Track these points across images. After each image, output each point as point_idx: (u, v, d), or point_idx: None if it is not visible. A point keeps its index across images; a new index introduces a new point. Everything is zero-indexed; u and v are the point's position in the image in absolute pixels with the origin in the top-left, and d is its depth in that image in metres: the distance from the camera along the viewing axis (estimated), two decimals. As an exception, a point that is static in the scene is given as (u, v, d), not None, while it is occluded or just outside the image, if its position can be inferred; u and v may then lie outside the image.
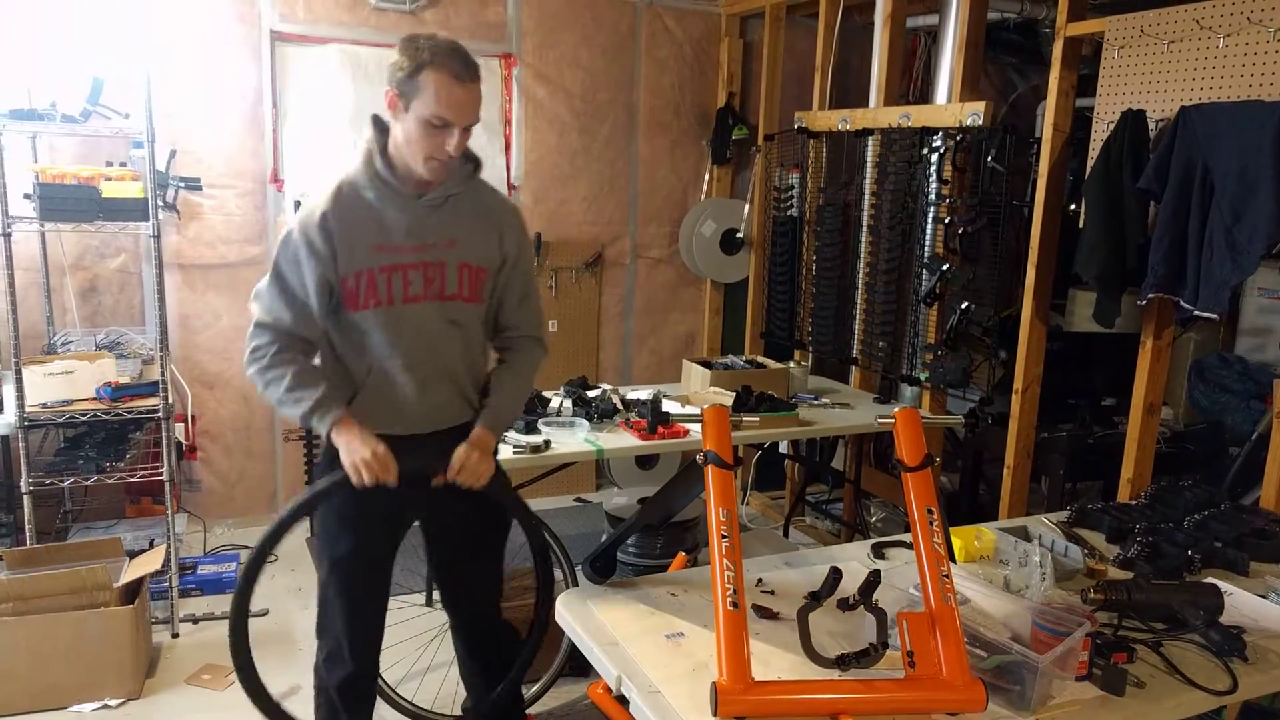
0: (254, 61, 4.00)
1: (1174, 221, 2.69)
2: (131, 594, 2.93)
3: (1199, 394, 4.21)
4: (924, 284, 3.67)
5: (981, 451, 3.84)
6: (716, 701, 1.47)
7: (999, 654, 1.60)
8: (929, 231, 3.66)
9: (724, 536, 1.62)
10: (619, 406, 3.28)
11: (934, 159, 3.60)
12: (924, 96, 4.47)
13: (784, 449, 4.60)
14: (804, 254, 4.42)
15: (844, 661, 1.56)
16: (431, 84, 1.82)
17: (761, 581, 2.04)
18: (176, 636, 3.28)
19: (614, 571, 2.05)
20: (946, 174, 3.56)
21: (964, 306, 3.48)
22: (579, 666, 2.94)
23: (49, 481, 3.15)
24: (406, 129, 1.87)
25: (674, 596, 1.95)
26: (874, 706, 1.52)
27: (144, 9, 3.73)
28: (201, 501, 4.20)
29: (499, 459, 2.11)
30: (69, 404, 3.10)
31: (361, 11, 4.14)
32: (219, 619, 3.41)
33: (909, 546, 2.22)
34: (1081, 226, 2.97)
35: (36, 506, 3.12)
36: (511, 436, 2.95)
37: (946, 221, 3.54)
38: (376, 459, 1.88)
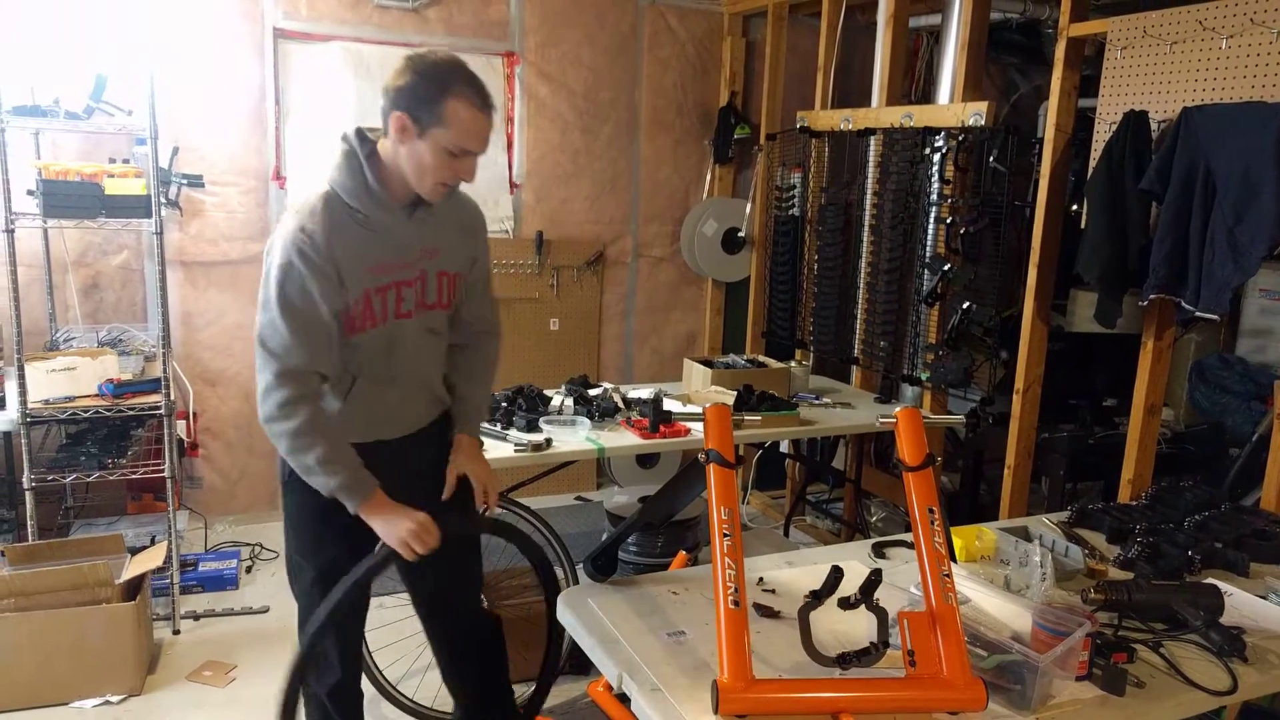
0: (257, 59, 4.00)
1: (1176, 222, 2.69)
2: (133, 590, 2.94)
3: (1200, 395, 4.21)
4: (925, 284, 3.67)
5: (982, 451, 3.84)
6: (717, 700, 1.48)
7: (999, 653, 1.61)
8: (930, 231, 3.66)
9: (726, 535, 1.62)
10: (620, 405, 3.28)
11: (936, 159, 3.60)
12: (926, 96, 4.48)
13: (785, 448, 4.60)
14: (805, 253, 4.42)
15: (845, 660, 1.56)
16: (455, 114, 1.76)
17: (762, 580, 2.05)
18: (178, 633, 3.29)
19: (615, 570, 2.05)
20: (948, 174, 3.56)
21: (965, 306, 3.49)
22: (580, 664, 2.94)
23: (51, 478, 3.15)
24: (417, 154, 1.80)
25: (675, 595, 1.95)
26: (875, 705, 1.52)
27: (147, 6, 3.74)
28: (203, 499, 4.20)
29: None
30: (71, 400, 3.10)
31: (364, 9, 4.14)
32: (220, 616, 3.42)
33: (910, 546, 2.22)
34: (1083, 227, 2.98)
35: (38, 503, 3.12)
36: (513, 435, 2.96)
37: (948, 221, 3.54)
38: (423, 528, 1.86)
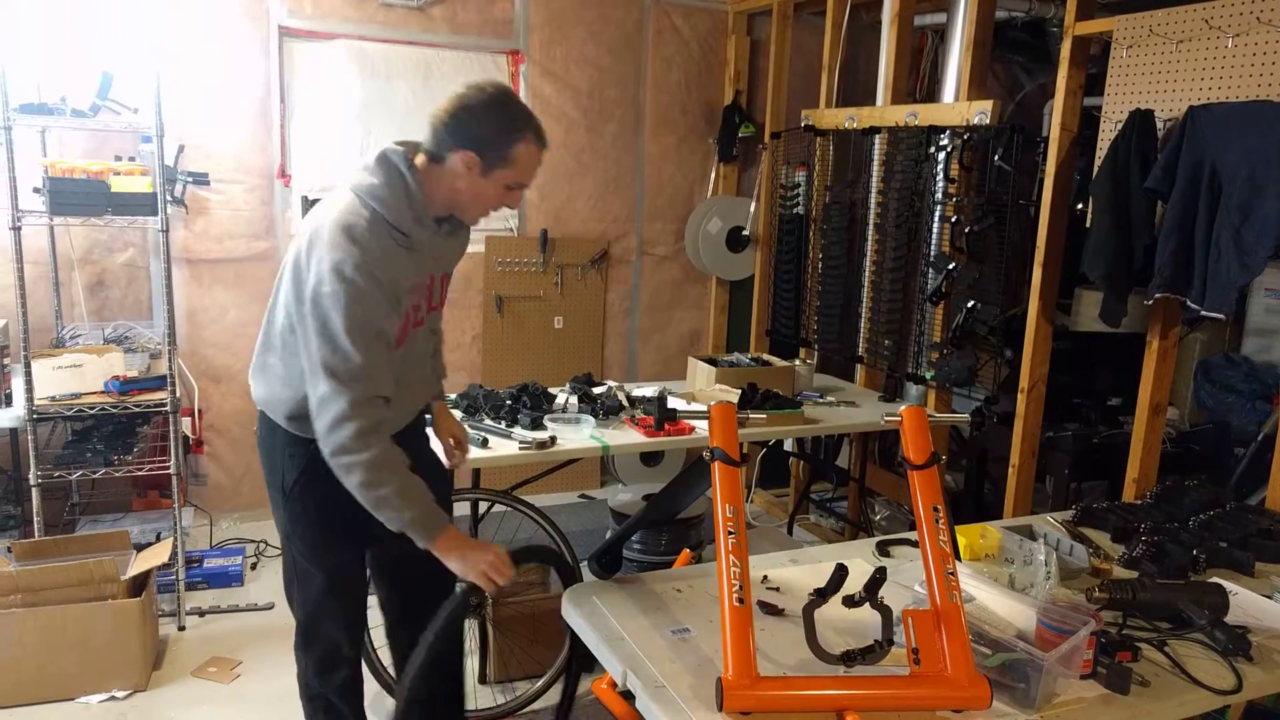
0: (262, 57, 4.01)
1: (1181, 222, 2.69)
2: (139, 587, 2.95)
3: (1205, 394, 4.20)
4: (930, 283, 3.66)
5: (986, 450, 3.84)
6: (722, 697, 1.48)
7: (1004, 652, 1.61)
8: (935, 230, 3.65)
9: (730, 533, 1.62)
10: (624, 403, 3.28)
11: (941, 157, 3.60)
12: (931, 95, 4.47)
13: (789, 447, 4.60)
14: (810, 252, 4.42)
15: (849, 658, 1.57)
16: (523, 156, 1.84)
17: (766, 578, 2.05)
18: (183, 629, 3.30)
19: (620, 568, 2.05)
20: (953, 173, 3.55)
21: (970, 305, 3.48)
22: (584, 662, 2.94)
23: (57, 474, 3.16)
24: (478, 189, 1.85)
25: (679, 593, 1.96)
26: (879, 703, 1.52)
27: (153, 4, 3.75)
28: (208, 495, 4.21)
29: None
30: (77, 397, 3.11)
31: (369, 7, 4.15)
32: (225, 612, 3.43)
33: (914, 544, 2.23)
34: (1088, 226, 2.97)
35: (45, 499, 3.13)
36: (518, 432, 2.97)
37: (953, 220, 3.54)
38: (500, 559, 1.87)
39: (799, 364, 3.82)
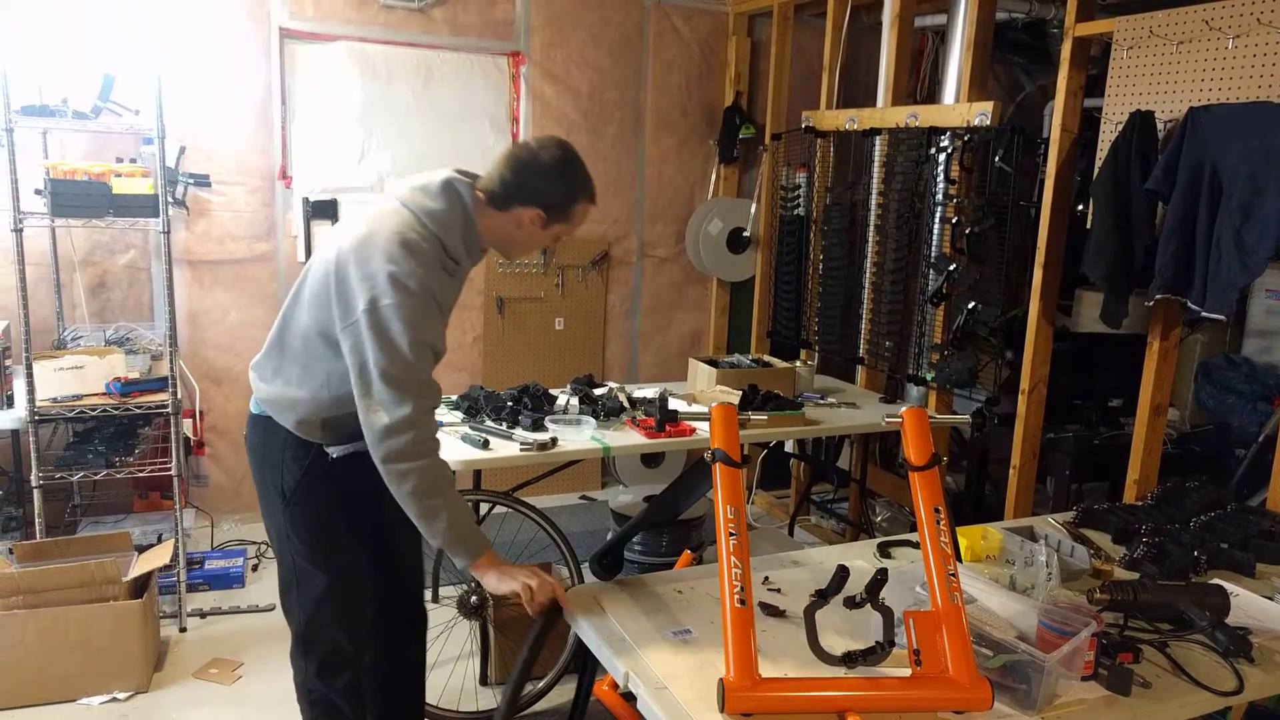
0: (263, 59, 4.01)
1: (1182, 223, 2.69)
2: (140, 588, 2.95)
3: (1206, 395, 4.20)
4: (931, 284, 3.67)
5: (987, 451, 3.84)
6: (723, 698, 1.48)
7: (1005, 653, 1.61)
8: (936, 231, 3.65)
9: (732, 534, 1.62)
10: (625, 404, 3.29)
11: (941, 159, 3.60)
12: (931, 96, 4.47)
13: (790, 448, 4.60)
14: (810, 253, 4.42)
15: (850, 659, 1.57)
16: (580, 213, 1.99)
17: (768, 579, 2.05)
18: (184, 631, 3.30)
19: (621, 569, 2.05)
20: (954, 174, 3.56)
21: (971, 307, 3.48)
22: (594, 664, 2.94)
23: (59, 476, 3.17)
24: (534, 237, 1.98)
25: (680, 594, 1.96)
26: (880, 704, 1.52)
27: (154, 6, 3.75)
28: (209, 497, 4.21)
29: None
30: (79, 399, 3.12)
31: (370, 9, 4.15)
32: (226, 614, 3.44)
33: (915, 546, 2.23)
34: (1089, 227, 2.97)
35: (46, 500, 3.13)
36: (518, 434, 2.97)
37: (953, 221, 3.54)
38: (544, 580, 1.85)
39: (800, 365, 3.81)
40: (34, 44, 3.58)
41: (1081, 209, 3.24)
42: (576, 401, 3.28)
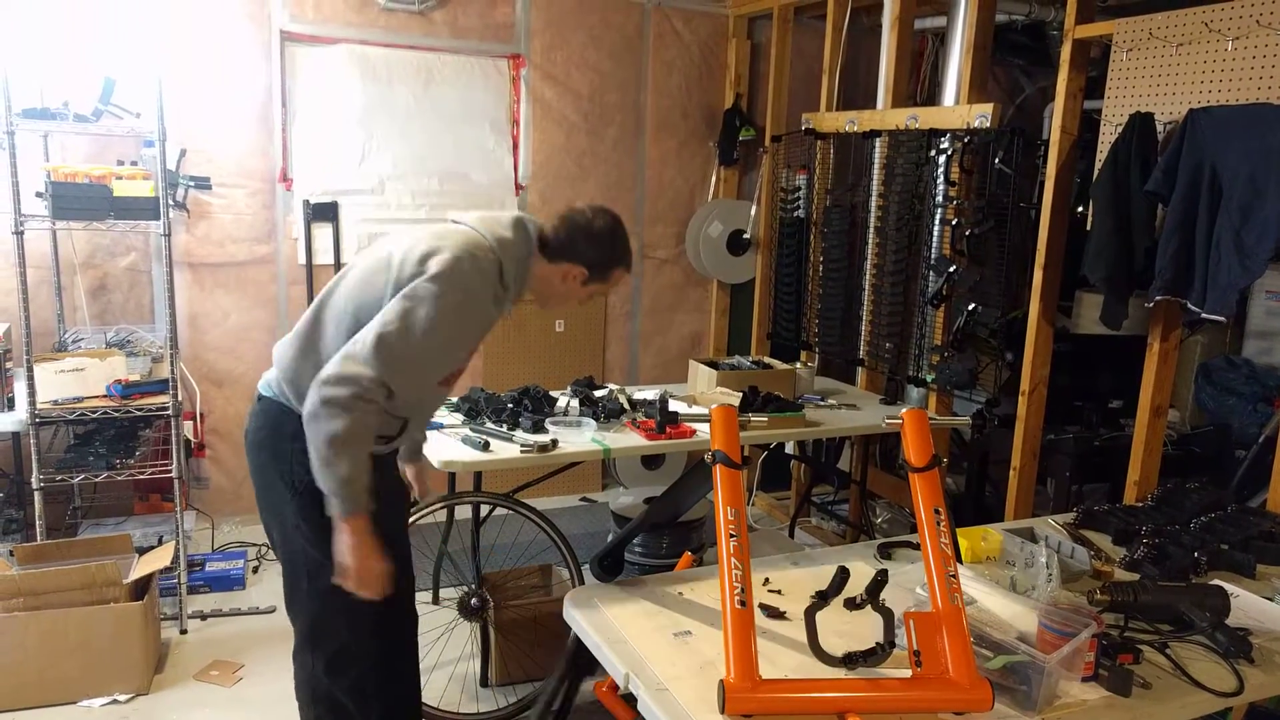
0: (264, 61, 4.02)
1: (1182, 224, 2.69)
2: (141, 590, 2.95)
3: (1206, 396, 4.20)
4: (931, 286, 3.67)
5: (988, 453, 3.84)
6: (724, 699, 1.48)
7: (1005, 654, 1.61)
8: (936, 233, 3.66)
9: (732, 535, 1.62)
10: (626, 406, 3.29)
11: (941, 160, 3.60)
12: (931, 98, 4.48)
13: (790, 450, 4.60)
14: (811, 255, 4.42)
15: (851, 660, 1.57)
16: (617, 277, 2.17)
17: (768, 581, 2.05)
18: (185, 633, 3.30)
19: (621, 570, 2.06)
20: (954, 175, 3.56)
21: (971, 308, 3.49)
22: (585, 664, 2.94)
23: (59, 478, 3.17)
24: (570, 288, 2.13)
25: (681, 595, 1.96)
26: (881, 705, 1.53)
27: (155, 9, 3.76)
28: (210, 499, 4.22)
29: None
30: (79, 401, 3.12)
31: (370, 12, 4.16)
32: (226, 616, 3.44)
33: (915, 547, 2.23)
34: (1089, 229, 2.98)
35: (47, 503, 3.13)
36: (519, 436, 2.97)
37: (954, 223, 3.54)
38: (380, 579, 1.89)
39: (800, 367, 3.81)
40: (35, 47, 3.59)
41: (1081, 210, 3.24)
42: (577, 403, 3.28)
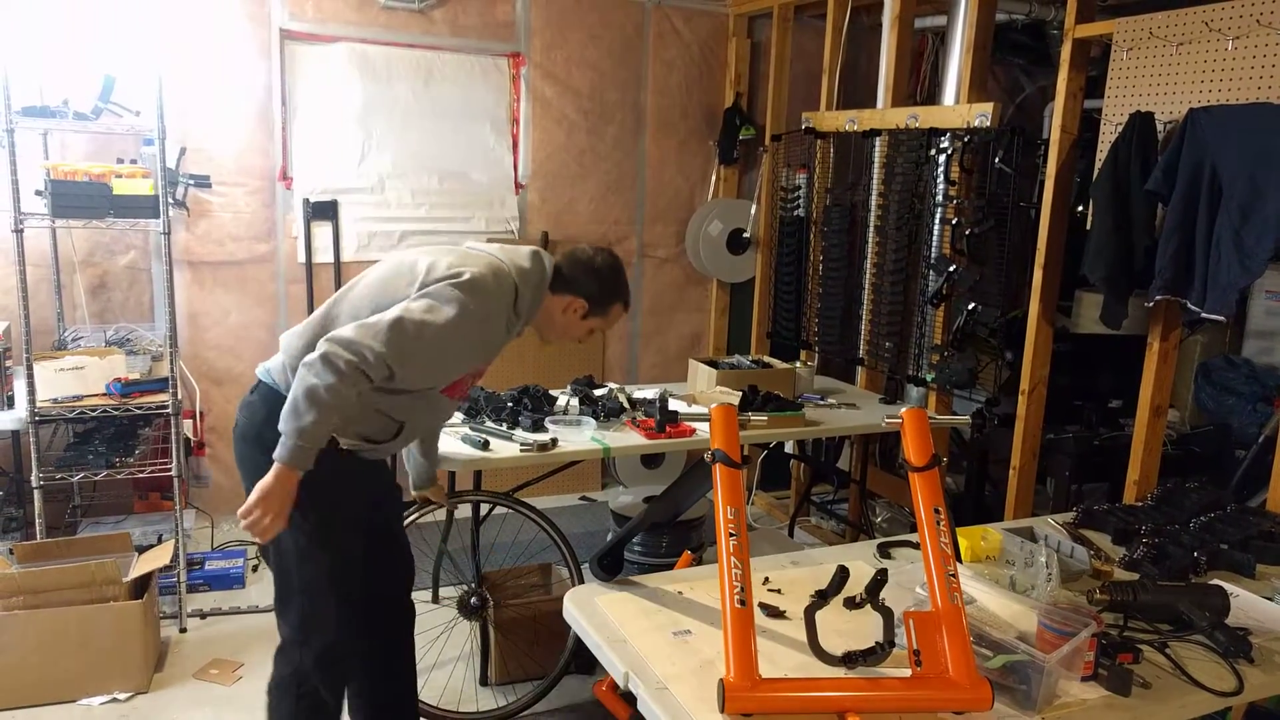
0: (263, 60, 4.02)
1: (1181, 224, 2.69)
2: (140, 589, 2.95)
3: (1205, 396, 4.20)
4: (930, 285, 3.67)
5: (987, 452, 3.84)
6: (724, 698, 1.48)
7: (1005, 653, 1.61)
8: (936, 232, 3.66)
9: (732, 535, 1.62)
10: (625, 405, 3.29)
11: (941, 160, 3.60)
12: (931, 97, 4.47)
13: (790, 449, 4.60)
14: (811, 254, 4.42)
15: (851, 660, 1.57)
16: (615, 313, 2.27)
17: (768, 580, 2.05)
18: (184, 631, 3.30)
19: (621, 569, 2.05)
20: (954, 175, 3.56)
21: (971, 307, 3.49)
22: (584, 664, 2.95)
23: (59, 476, 3.17)
24: (569, 322, 2.22)
25: (681, 594, 1.96)
26: (880, 705, 1.52)
27: (155, 8, 3.76)
28: (209, 497, 4.21)
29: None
30: (79, 399, 3.12)
31: (370, 10, 4.16)
32: (226, 614, 3.44)
33: (915, 546, 2.23)
34: (1089, 228, 2.97)
35: (46, 501, 3.13)
36: (518, 434, 2.97)
37: (953, 222, 3.54)
38: (274, 524, 1.90)
39: (800, 366, 3.82)
40: (35, 45, 3.58)
41: (1081, 210, 3.24)
42: (576, 402, 3.28)
